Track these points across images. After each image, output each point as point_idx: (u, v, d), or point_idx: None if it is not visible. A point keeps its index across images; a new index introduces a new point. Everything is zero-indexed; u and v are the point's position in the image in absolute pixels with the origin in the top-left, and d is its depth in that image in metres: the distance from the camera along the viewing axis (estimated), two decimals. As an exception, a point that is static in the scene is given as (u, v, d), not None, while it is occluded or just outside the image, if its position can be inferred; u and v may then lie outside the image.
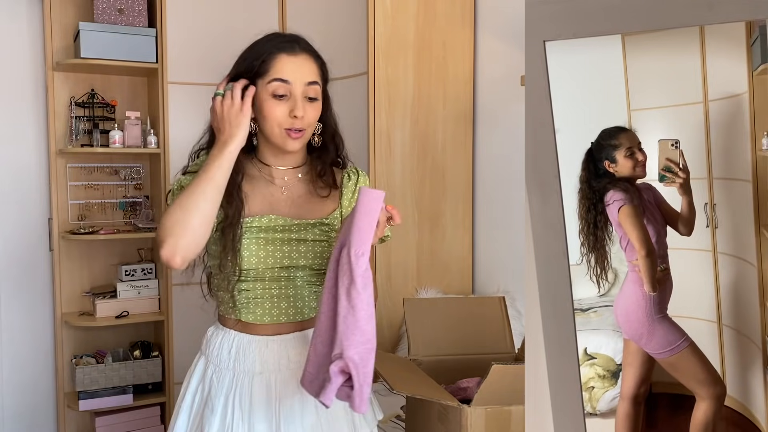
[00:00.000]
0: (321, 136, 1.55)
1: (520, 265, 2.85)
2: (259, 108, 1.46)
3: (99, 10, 3.16)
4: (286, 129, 1.45)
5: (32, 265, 3.41)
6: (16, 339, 3.38)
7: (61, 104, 3.34)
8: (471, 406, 1.41)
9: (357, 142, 2.90)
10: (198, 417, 1.50)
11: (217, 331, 1.55)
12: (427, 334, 1.86)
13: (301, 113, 1.43)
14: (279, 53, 1.45)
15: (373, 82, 2.80)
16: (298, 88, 1.44)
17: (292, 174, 1.55)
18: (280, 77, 1.44)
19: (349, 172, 1.63)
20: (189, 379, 1.56)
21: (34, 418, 3.44)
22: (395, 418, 2.24)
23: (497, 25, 2.93)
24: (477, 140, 3.07)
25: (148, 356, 3.38)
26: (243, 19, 3.31)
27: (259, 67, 1.45)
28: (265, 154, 1.54)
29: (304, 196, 1.55)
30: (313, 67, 1.49)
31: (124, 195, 3.54)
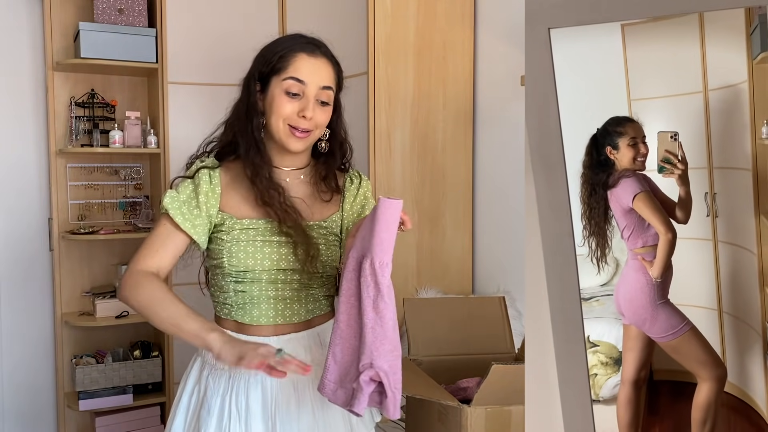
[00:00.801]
0: (328, 142, 1.55)
1: (520, 265, 2.86)
2: (270, 103, 1.46)
3: (99, 10, 3.17)
4: (291, 126, 1.44)
5: (32, 265, 3.41)
6: (16, 339, 3.38)
7: (61, 104, 3.34)
8: (471, 406, 1.42)
9: (357, 142, 2.88)
10: (195, 418, 1.50)
11: None
12: (427, 334, 1.86)
13: (310, 114, 1.44)
14: (299, 52, 1.46)
15: (373, 82, 2.80)
16: (312, 90, 1.45)
17: (294, 176, 1.55)
18: (296, 76, 1.44)
19: (352, 176, 1.64)
20: (185, 381, 1.57)
21: (34, 418, 3.43)
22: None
23: (497, 25, 2.94)
24: (477, 140, 3.07)
25: (148, 356, 3.37)
26: (243, 20, 3.32)
27: (277, 63, 1.45)
28: (269, 153, 1.53)
29: (306, 198, 1.55)
30: (330, 71, 1.50)
31: (124, 195, 3.54)
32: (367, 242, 1.28)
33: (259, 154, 1.48)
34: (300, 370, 1.28)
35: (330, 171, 1.58)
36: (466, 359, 1.85)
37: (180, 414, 1.53)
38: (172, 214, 1.44)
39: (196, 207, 1.46)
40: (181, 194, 1.47)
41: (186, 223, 1.45)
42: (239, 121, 1.50)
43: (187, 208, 1.46)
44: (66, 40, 3.32)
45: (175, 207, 1.45)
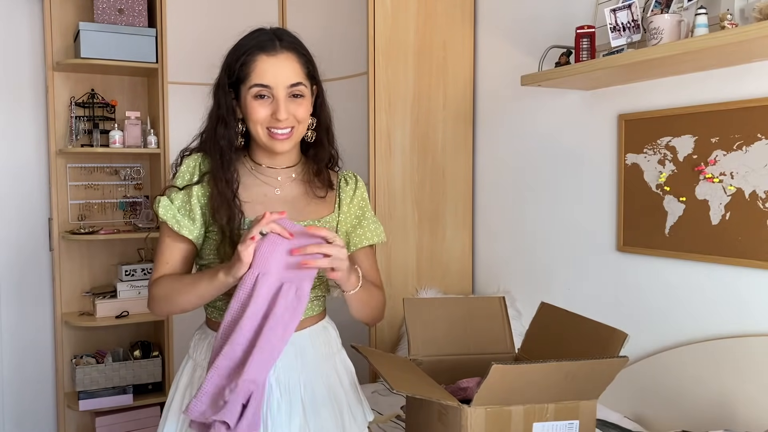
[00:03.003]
0: (315, 131, 1.53)
1: (520, 265, 2.86)
2: (244, 109, 1.45)
3: (99, 10, 3.17)
4: (269, 129, 1.43)
5: (32, 265, 3.41)
6: (16, 339, 3.39)
7: (61, 104, 3.35)
8: (471, 406, 1.41)
9: (357, 142, 2.90)
10: (187, 420, 1.49)
11: (205, 335, 1.55)
12: (427, 334, 1.85)
13: (284, 116, 1.41)
14: (258, 54, 1.42)
15: (373, 82, 2.80)
16: (280, 92, 1.42)
17: (285, 174, 1.54)
18: (260, 82, 1.41)
19: (346, 177, 1.62)
20: (177, 383, 1.56)
21: (34, 418, 3.44)
22: (395, 418, 2.24)
23: (497, 25, 2.93)
24: (477, 140, 3.07)
25: (148, 356, 3.38)
26: (243, 20, 3.26)
27: (239, 71, 1.43)
28: (257, 154, 1.53)
29: (299, 197, 1.53)
30: (295, 66, 1.44)
31: (124, 195, 3.54)
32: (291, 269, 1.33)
33: (221, 169, 1.46)
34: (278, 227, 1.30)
35: (321, 163, 1.56)
36: (466, 359, 1.84)
37: (172, 416, 1.52)
38: (170, 223, 1.45)
39: (190, 211, 1.47)
40: (174, 201, 1.47)
41: (184, 229, 1.46)
42: (209, 132, 1.49)
43: (181, 214, 1.46)
44: (66, 40, 3.32)
45: (170, 216, 1.45)
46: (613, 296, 2.41)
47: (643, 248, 2.27)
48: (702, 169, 2.06)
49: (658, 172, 2.20)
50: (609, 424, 2.13)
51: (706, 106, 2.05)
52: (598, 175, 2.45)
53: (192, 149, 1.54)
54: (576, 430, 1.47)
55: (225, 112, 1.46)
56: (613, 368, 1.44)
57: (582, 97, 2.51)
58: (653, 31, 1.90)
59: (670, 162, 2.16)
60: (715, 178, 2.02)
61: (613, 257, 2.41)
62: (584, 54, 2.19)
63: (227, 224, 1.43)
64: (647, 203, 2.24)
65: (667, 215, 2.18)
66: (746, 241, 1.96)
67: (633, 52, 1.94)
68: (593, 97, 2.47)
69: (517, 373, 1.37)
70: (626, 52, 1.99)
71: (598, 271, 2.47)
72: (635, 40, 2.07)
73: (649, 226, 2.24)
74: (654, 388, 2.20)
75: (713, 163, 2.03)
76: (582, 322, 1.68)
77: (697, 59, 1.90)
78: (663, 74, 2.14)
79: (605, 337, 1.56)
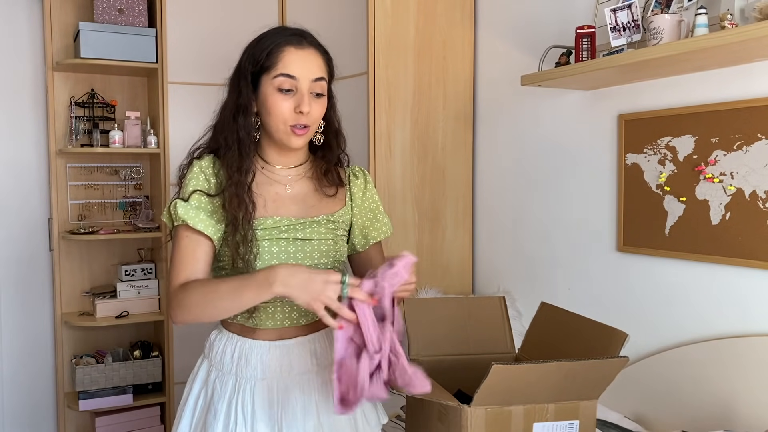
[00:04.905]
0: (324, 134, 1.53)
1: (520, 265, 2.86)
2: (263, 102, 1.43)
3: (99, 10, 3.17)
4: (291, 126, 1.42)
5: (32, 265, 3.41)
6: (16, 339, 3.39)
7: (61, 104, 3.34)
8: (471, 406, 1.41)
9: (357, 142, 2.90)
10: (201, 421, 1.49)
11: (221, 336, 1.54)
12: (427, 334, 1.85)
13: (307, 108, 1.40)
14: (286, 46, 1.41)
15: (373, 82, 2.80)
16: (305, 84, 1.41)
17: (294, 172, 1.53)
18: (287, 72, 1.40)
19: (355, 172, 1.61)
20: (192, 383, 1.56)
21: (34, 418, 3.44)
22: (395, 418, 2.24)
23: (497, 25, 2.93)
24: (477, 140, 3.07)
25: (148, 356, 3.38)
26: (243, 20, 3.32)
27: (265, 60, 1.41)
28: (267, 152, 1.51)
29: (309, 194, 1.53)
30: (320, 62, 1.45)
31: (124, 195, 3.54)
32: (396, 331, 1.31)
33: (239, 159, 1.43)
34: (368, 298, 1.28)
35: (330, 164, 1.55)
36: (466, 359, 1.84)
37: (186, 416, 1.52)
38: (192, 223, 1.40)
39: (212, 211, 1.43)
40: (192, 201, 1.43)
41: (209, 228, 1.41)
42: (226, 123, 1.46)
43: (204, 214, 1.42)
44: (66, 40, 3.32)
45: (192, 215, 1.41)
46: (613, 296, 2.41)
47: (643, 248, 2.27)
48: (702, 169, 2.06)
49: (658, 172, 2.20)
50: (609, 424, 2.13)
51: (706, 106, 2.05)
52: (598, 175, 2.45)
53: (203, 145, 1.52)
54: (576, 430, 1.47)
55: (246, 101, 1.44)
56: (614, 368, 1.44)
57: (582, 97, 2.51)
58: (653, 31, 1.90)
59: (670, 162, 2.16)
60: (715, 178, 2.02)
61: (613, 257, 2.41)
62: (584, 54, 2.19)
63: (241, 216, 1.39)
64: (647, 203, 2.24)
65: (667, 215, 2.18)
66: (746, 241, 1.96)
67: (633, 52, 1.94)
68: (593, 97, 2.47)
69: (517, 373, 1.37)
70: (626, 52, 1.99)
71: (598, 271, 2.47)
72: (635, 40, 2.07)
73: (649, 226, 2.24)
74: (654, 388, 2.20)
75: (713, 163, 2.03)
76: (582, 322, 1.69)
77: (697, 59, 1.90)
78: (663, 74, 2.14)
79: (605, 337, 1.56)
